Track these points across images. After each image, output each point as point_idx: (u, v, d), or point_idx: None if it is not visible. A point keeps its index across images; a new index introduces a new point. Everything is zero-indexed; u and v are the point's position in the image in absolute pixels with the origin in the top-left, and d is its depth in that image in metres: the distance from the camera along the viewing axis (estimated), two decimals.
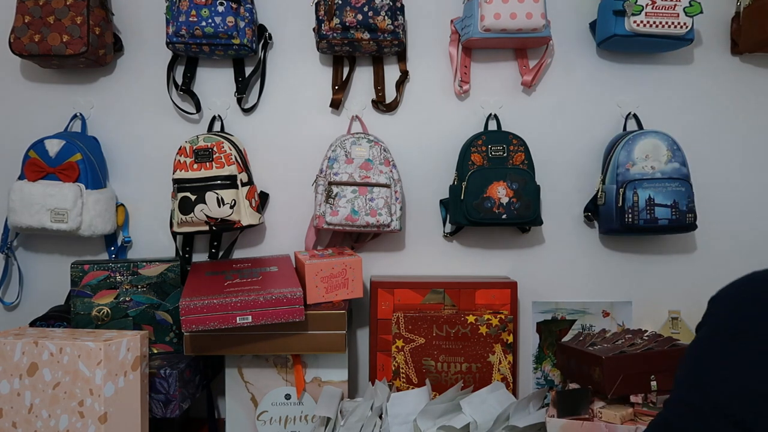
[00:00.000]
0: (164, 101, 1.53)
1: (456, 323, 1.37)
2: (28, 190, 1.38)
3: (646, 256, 1.56)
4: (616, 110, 1.55)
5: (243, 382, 1.37)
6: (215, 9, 1.39)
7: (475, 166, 1.44)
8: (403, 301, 1.40)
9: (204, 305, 1.21)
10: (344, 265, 1.36)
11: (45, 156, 1.41)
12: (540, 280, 1.55)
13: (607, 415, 1.17)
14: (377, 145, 1.44)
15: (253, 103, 1.54)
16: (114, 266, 1.37)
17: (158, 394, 1.23)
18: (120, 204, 1.52)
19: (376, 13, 1.39)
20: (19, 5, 1.40)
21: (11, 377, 1.13)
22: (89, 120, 1.53)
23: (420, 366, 1.38)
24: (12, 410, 1.13)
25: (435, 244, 1.55)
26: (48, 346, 1.11)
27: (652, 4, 1.39)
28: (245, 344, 1.29)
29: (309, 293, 1.33)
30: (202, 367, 1.40)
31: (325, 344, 1.30)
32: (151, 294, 1.38)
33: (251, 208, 1.41)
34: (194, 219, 1.36)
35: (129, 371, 1.13)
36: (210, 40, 1.40)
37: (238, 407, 1.37)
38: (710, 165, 1.56)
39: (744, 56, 1.57)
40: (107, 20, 1.47)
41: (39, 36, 1.38)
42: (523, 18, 1.38)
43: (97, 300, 1.37)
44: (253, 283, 1.30)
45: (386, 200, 1.40)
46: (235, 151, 1.41)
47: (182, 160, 1.39)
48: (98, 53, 1.44)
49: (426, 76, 1.54)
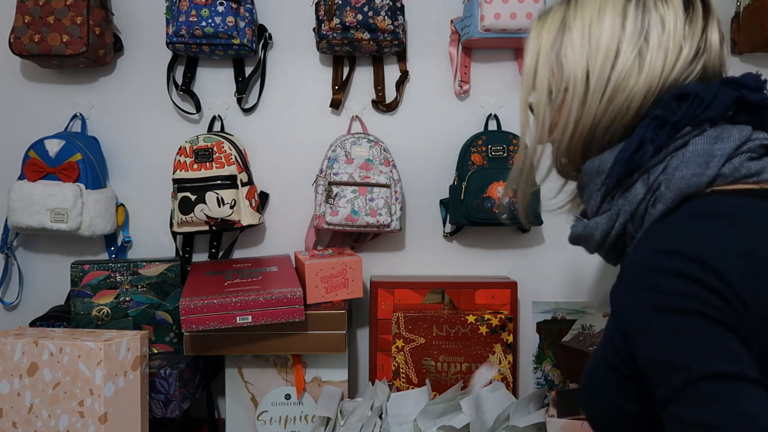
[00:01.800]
0: (164, 101, 1.53)
1: (456, 323, 1.37)
2: (28, 190, 1.38)
3: None
4: None
5: (243, 382, 1.37)
6: (215, 9, 1.39)
7: (475, 166, 1.44)
8: (403, 301, 1.40)
9: (204, 305, 1.21)
10: (344, 265, 1.36)
11: (45, 156, 1.41)
12: (540, 280, 1.55)
13: None
14: (377, 145, 1.44)
15: (253, 103, 1.54)
16: (114, 266, 1.37)
17: (158, 394, 1.23)
18: (120, 204, 1.52)
19: (376, 13, 1.38)
20: (19, 5, 1.40)
21: (11, 377, 1.13)
22: (89, 120, 1.53)
23: (420, 366, 1.38)
24: (12, 410, 1.13)
25: (435, 244, 1.55)
26: (48, 346, 1.11)
27: None
28: (245, 344, 1.29)
29: (309, 293, 1.33)
30: (202, 367, 1.40)
31: (325, 344, 1.30)
32: (151, 294, 1.38)
33: (251, 208, 1.41)
34: (194, 219, 1.36)
35: (129, 371, 1.13)
36: (210, 40, 1.40)
37: (238, 407, 1.37)
38: None
39: (744, 56, 1.56)
40: (107, 20, 1.47)
41: (39, 36, 1.38)
42: (523, 18, 1.38)
43: (97, 300, 1.37)
44: (253, 283, 1.30)
45: (386, 200, 1.40)
46: (235, 151, 1.41)
47: (182, 160, 1.39)
48: (98, 53, 1.44)
49: (426, 76, 1.54)
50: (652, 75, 0.62)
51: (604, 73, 0.63)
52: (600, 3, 0.65)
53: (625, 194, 0.65)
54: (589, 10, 0.65)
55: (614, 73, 0.63)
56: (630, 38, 0.63)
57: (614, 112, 0.64)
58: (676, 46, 0.62)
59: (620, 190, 0.66)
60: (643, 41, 0.62)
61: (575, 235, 0.74)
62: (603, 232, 0.68)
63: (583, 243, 0.74)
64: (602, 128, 0.66)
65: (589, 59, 0.64)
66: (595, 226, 0.69)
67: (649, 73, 0.62)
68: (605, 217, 0.68)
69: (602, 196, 0.67)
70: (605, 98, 0.64)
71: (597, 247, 0.72)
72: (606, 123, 0.66)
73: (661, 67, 0.62)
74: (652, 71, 0.62)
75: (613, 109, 0.64)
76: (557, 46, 0.68)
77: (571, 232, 0.75)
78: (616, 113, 0.64)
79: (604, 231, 0.68)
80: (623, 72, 0.63)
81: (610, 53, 0.63)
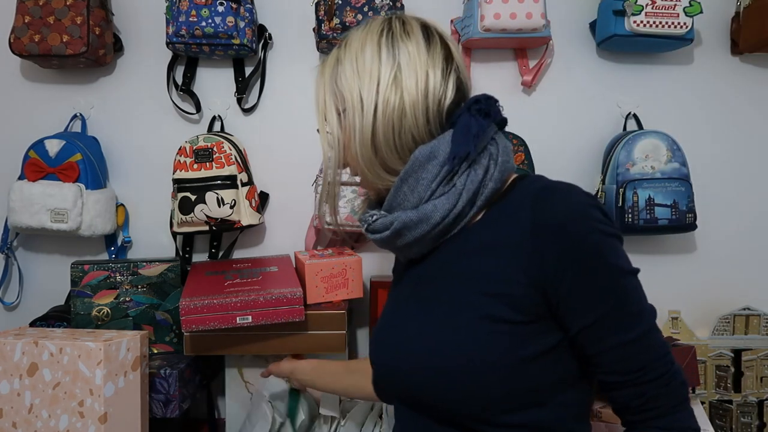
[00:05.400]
0: (164, 101, 1.53)
1: None
2: (28, 190, 1.38)
3: (646, 256, 1.56)
4: (616, 110, 1.55)
5: (243, 382, 1.37)
6: (215, 9, 1.39)
7: None
8: None
9: (204, 305, 1.21)
10: (344, 265, 1.36)
11: (45, 156, 1.41)
12: None
13: (607, 415, 1.17)
14: None
15: (253, 103, 1.54)
16: (114, 266, 1.37)
17: (158, 394, 1.23)
18: (120, 204, 1.52)
19: (376, 13, 1.39)
20: (19, 5, 1.40)
21: (11, 377, 1.13)
22: (89, 120, 1.53)
23: None
24: (12, 410, 1.13)
25: None
26: (48, 346, 1.11)
27: (652, 4, 1.39)
28: (245, 344, 1.29)
29: (309, 293, 1.33)
30: (202, 367, 1.40)
31: (325, 344, 1.30)
32: (151, 294, 1.38)
33: (251, 208, 1.41)
34: (194, 219, 1.36)
35: (129, 371, 1.13)
36: (210, 40, 1.40)
37: (238, 407, 1.37)
38: (710, 165, 1.56)
39: (744, 56, 1.57)
40: (107, 20, 1.47)
41: (39, 36, 1.38)
42: (523, 18, 1.38)
43: (97, 300, 1.37)
44: (253, 283, 1.30)
45: None
46: (235, 151, 1.41)
47: (182, 160, 1.39)
48: (98, 53, 1.44)
49: None
50: (409, 92, 0.77)
51: (371, 91, 0.78)
52: (361, 42, 0.80)
53: (466, 174, 0.76)
54: (354, 47, 0.81)
55: (380, 89, 0.77)
56: (385, 64, 0.78)
57: (389, 122, 0.77)
58: (423, 68, 0.77)
59: (459, 172, 0.76)
60: (396, 66, 0.78)
61: (404, 223, 0.78)
62: (443, 212, 0.76)
63: (406, 232, 0.79)
64: (384, 136, 0.78)
65: (359, 82, 0.79)
66: (432, 209, 0.76)
67: (406, 90, 0.77)
68: (444, 198, 0.76)
69: (440, 179, 0.76)
70: (379, 112, 0.77)
71: (427, 231, 0.77)
72: (386, 132, 0.78)
73: (414, 85, 0.77)
74: (408, 88, 0.77)
75: (388, 120, 0.77)
76: (335, 76, 0.82)
77: (396, 224, 0.79)
78: (393, 124, 0.77)
79: (444, 211, 0.76)
80: (386, 89, 0.77)
81: (373, 75, 0.78)
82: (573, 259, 0.69)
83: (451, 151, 0.76)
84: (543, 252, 0.70)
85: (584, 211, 0.71)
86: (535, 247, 0.71)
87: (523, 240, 0.72)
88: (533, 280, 0.71)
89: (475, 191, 0.76)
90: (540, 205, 0.72)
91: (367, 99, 0.78)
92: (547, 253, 0.70)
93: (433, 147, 0.77)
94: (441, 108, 0.79)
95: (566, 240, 0.69)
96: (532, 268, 0.71)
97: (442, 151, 0.76)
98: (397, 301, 0.88)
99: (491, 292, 0.73)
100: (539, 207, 0.72)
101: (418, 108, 0.77)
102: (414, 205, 0.78)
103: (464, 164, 0.76)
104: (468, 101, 0.80)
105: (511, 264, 0.72)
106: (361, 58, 0.79)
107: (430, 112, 0.78)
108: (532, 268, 0.71)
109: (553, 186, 0.75)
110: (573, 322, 0.71)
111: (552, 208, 0.71)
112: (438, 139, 0.78)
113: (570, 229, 0.70)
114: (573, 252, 0.69)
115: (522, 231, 0.72)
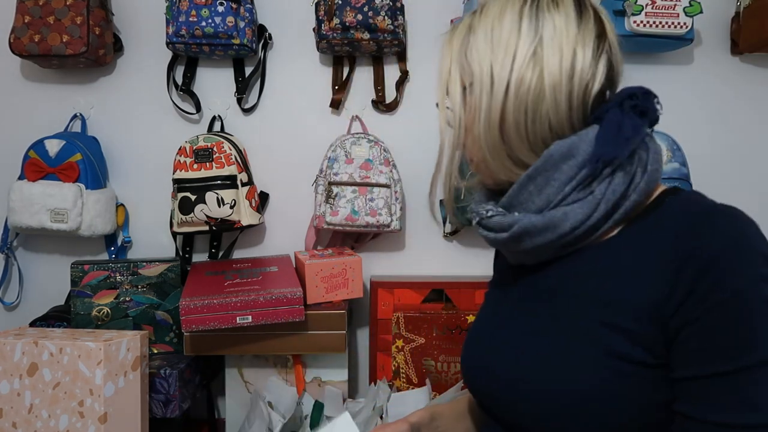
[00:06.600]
0: (164, 101, 1.53)
1: (456, 323, 1.37)
2: (28, 190, 1.38)
3: None
4: None
5: (243, 382, 1.37)
6: (215, 9, 1.39)
7: None
8: (403, 301, 1.40)
9: (204, 305, 1.21)
10: (344, 265, 1.36)
11: (45, 156, 1.41)
12: None
13: None
14: (377, 145, 1.44)
15: (253, 103, 1.54)
16: (114, 266, 1.37)
17: (158, 394, 1.23)
18: (120, 204, 1.52)
19: (376, 13, 1.38)
20: (19, 5, 1.40)
21: (11, 377, 1.13)
22: (89, 120, 1.53)
23: (420, 366, 1.38)
24: (12, 410, 1.13)
25: (435, 244, 1.55)
26: (48, 346, 1.11)
27: (652, 4, 1.39)
28: (245, 344, 1.29)
29: (309, 293, 1.33)
30: (202, 367, 1.40)
31: (325, 344, 1.30)
32: (151, 294, 1.38)
33: (251, 208, 1.41)
34: (194, 219, 1.36)
35: (129, 371, 1.13)
36: (210, 40, 1.40)
37: (238, 407, 1.37)
38: (710, 165, 1.56)
39: (744, 56, 1.56)
40: (107, 20, 1.47)
41: (39, 36, 1.38)
42: None
43: (97, 300, 1.37)
44: (253, 283, 1.30)
45: (386, 200, 1.40)
46: (235, 151, 1.41)
47: (182, 160, 1.39)
48: (98, 53, 1.44)
49: (426, 76, 1.54)
50: (550, 71, 0.66)
51: (506, 67, 0.67)
52: (500, 9, 0.70)
53: (607, 181, 0.65)
54: (492, 14, 0.70)
55: (516, 65, 0.67)
56: (525, 36, 0.67)
57: (522, 104, 0.67)
58: (570, 45, 0.66)
59: (600, 178, 0.65)
60: (538, 40, 0.67)
61: (525, 228, 0.67)
62: (575, 222, 0.65)
63: (526, 238, 0.68)
64: (515, 120, 0.68)
65: (491, 55, 0.68)
66: (562, 216, 0.66)
67: (547, 68, 0.66)
68: (578, 206, 0.65)
69: (576, 183, 0.66)
70: (511, 91, 0.67)
71: (552, 241, 0.67)
72: (518, 115, 0.67)
73: (558, 64, 0.66)
74: (549, 66, 0.66)
75: (521, 101, 0.67)
76: (464, 47, 0.72)
77: (516, 228, 0.68)
78: (527, 107, 0.67)
79: (576, 221, 0.65)
80: (522, 66, 0.66)
81: (509, 48, 0.67)
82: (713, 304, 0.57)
83: (594, 151, 0.65)
84: (680, 286, 0.59)
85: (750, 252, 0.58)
86: (676, 281, 0.59)
87: (663, 269, 0.60)
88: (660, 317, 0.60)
89: (615, 203, 0.65)
90: (696, 231, 0.60)
91: (499, 75, 0.67)
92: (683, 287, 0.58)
93: (572, 144, 0.66)
94: (587, 94, 0.67)
95: (713, 279, 0.57)
96: (663, 304, 0.60)
97: (583, 151, 0.65)
98: (501, 305, 0.79)
99: (620, 326, 0.62)
100: (692, 234, 0.60)
101: (561, 91, 0.66)
102: (539, 209, 0.68)
103: (607, 169, 0.65)
104: (620, 94, 0.68)
105: (642, 295, 0.61)
106: (498, 28, 0.69)
107: (574, 97, 0.66)
108: (662, 304, 0.60)
109: (715, 211, 0.62)
110: (676, 366, 0.60)
111: (707, 239, 0.59)
112: (579, 135, 0.66)
113: (724, 266, 0.57)
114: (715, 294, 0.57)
115: (663, 259, 0.61)
